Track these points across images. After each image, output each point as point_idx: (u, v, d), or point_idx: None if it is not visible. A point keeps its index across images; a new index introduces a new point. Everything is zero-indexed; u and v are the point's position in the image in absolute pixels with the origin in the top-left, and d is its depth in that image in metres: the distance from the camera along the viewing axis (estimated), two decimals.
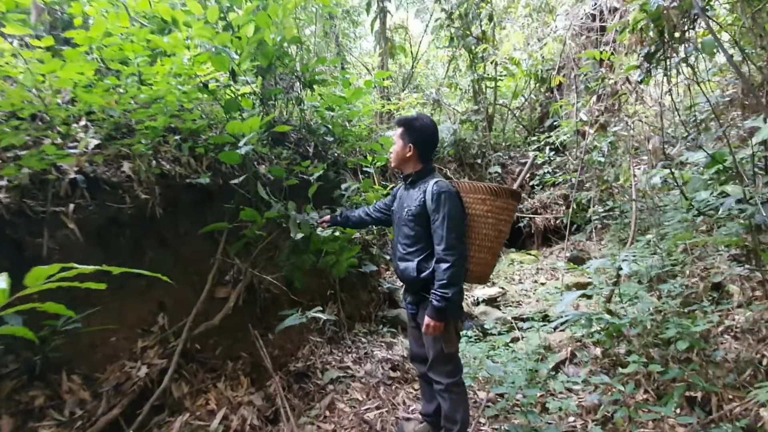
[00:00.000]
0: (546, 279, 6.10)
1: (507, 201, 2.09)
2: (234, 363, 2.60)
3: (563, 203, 7.83)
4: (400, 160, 2.17)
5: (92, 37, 2.08)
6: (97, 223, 2.08)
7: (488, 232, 2.07)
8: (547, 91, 9.04)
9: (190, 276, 2.60)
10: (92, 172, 2.20)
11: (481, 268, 2.10)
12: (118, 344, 2.03)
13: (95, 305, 2.03)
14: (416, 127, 2.12)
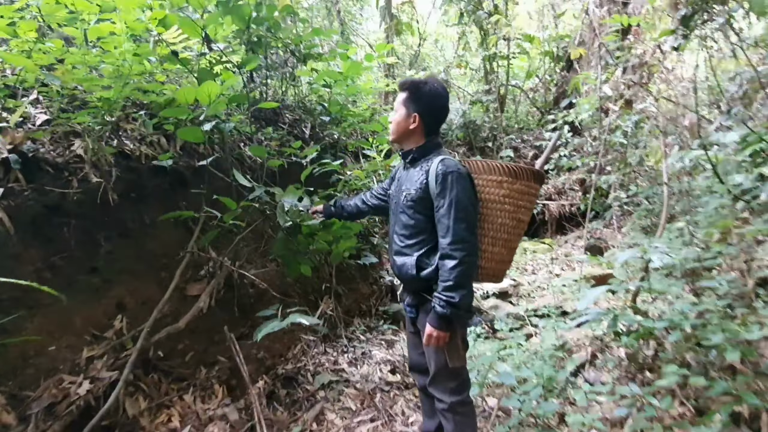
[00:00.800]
0: (561, 269, 5.70)
1: (528, 184, 1.70)
2: (208, 370, 2.29)
3: (579, 188, 7.37)
4: (400, 133, 1.77)
5: None
6: (34, 211, 1.76)
7: (505, 222, 1.68)
8: (563, 69, 8.49)
9: (157, 271, 2.28)
10: (32, 151, 1.87)
11: (494, 264, 1.72)
12: (58, 355, 1.73)
13: (33, 307, 1.72)
14: (424, 92, 1.72)
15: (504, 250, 1.72)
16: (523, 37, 8.17)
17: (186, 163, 2.64)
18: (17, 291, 1.68)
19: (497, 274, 1.77)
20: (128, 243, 2.18)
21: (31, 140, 1.94)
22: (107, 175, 2.03)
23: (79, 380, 1.66)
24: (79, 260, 1.92)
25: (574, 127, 6.53)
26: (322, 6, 8.78)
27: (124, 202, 2.20)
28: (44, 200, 1.80)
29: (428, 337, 1.62)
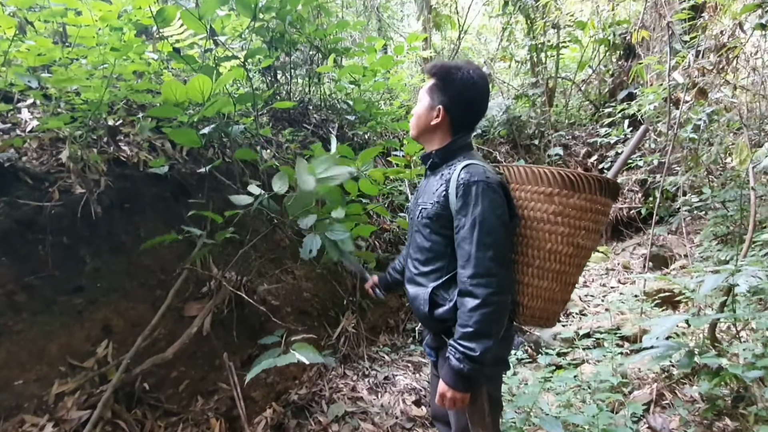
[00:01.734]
0: (618, 282, 5.06)
1: (592, 198, 1.28)
2: (204, 400, 2.05)
3: (640, 190, 6.60)
4: (421, 128, 1.42)
5: None
6: (3, 226, 1.58)
7: (557, 248, 1.29)
8: (620, 58, 7.69)
9: (151, 290, 2.07)
10: (9, 160, 1.70)
11: (542, 304, 1.32)
12: (25, 390, 1.54)
13: (1, 334, 1.54)
14: (455, 79, 1.36)
15: (556, 285, 1.31)
16: (574, 24, 7.47)
17: (190, 170, 2.43)
18: None
19: (547, 315, 1.35)
20: (119, 259, 1.99)
21: (14, 148, 1.78)
22: (91, 184, 1.83)
23: (42, 422, 1.46)
24: (59, 280, 1.73)
25: (634, 122, 5.82)
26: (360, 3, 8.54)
27: (117, 214, 2.01)
28: (16, 214, 1.62)
29: (440, 396, 1.25)
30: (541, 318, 1.36)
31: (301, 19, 3.65)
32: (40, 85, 1.71)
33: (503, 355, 1.40)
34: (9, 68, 1.74)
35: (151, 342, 1.92)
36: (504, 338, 1.32)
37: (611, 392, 2.59)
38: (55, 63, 1.82)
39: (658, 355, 2.37)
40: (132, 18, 1.73)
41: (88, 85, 1.83)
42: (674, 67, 3.72)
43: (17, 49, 1.81)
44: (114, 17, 1.64)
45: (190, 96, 1.69)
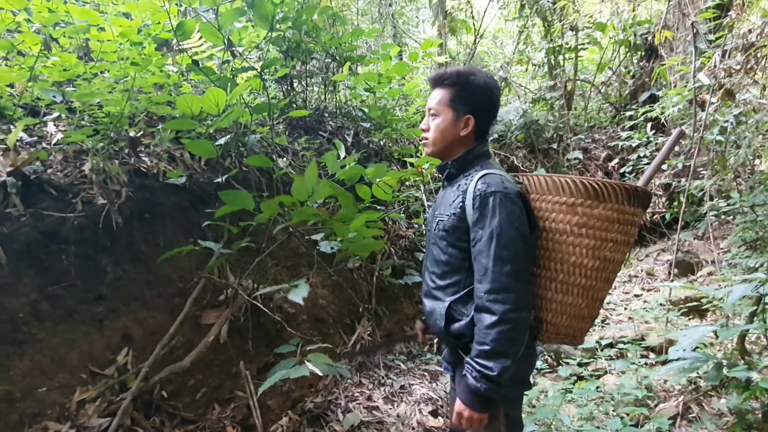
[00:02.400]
0: (642, 289, 4.91)
1: (620, 208, 1.21)
2: (221, 408, 2.07)
3: (664, 194, 6.41)
4: (448, 143, 1.33)
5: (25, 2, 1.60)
6: (28, 237, 1.63)
7: (582, 261, 1.22)
8: (642, 59, 7.51)
9: (169, 298, 2.10)
10: (35, 172, 1.76)
11: (568, 320, 1.25)
12: (48, 397, 1.57)
13: (23, 343, 1.58)
14: (478, 85, 1.30)
15: (582, 301, 1.23)
16: (593, 25, 7.34)
17: (208, 179, 2.47)
18: (6, 325, 1.55)
19: (573, 333, 1.27)
20: (139, 268, 2.02)
21: (39, 161, 1.84)
22: (113, 195, 1.88)
23: (65, 429, 1.49)
24: (81, 289, 1.78)
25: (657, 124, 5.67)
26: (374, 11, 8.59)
27: (137, 224, 2.05)
28: (41, 226, 1.67)
29: (458, 415, 1.22)
30: (567, 336, 1.29)
31: (316, 29, 3.68)
32: (64, 99, 1.76)
33: (524, 374, 1.32)
34: (35, 83, 1.80)
35: (169, 350, 1.94)
36: (525, 356, 1.25)
37: (635, 405, 2.49)
38: (79, 77, 1.87)
39: (684, 367, 2.27)
40: (151, 33, 1.77)
41: (110, 98, 1.89)
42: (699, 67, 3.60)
43: (43, 65, 1.88)
44: (134, 32, 1.68)
45: (205, 108, 1.71)
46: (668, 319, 3.56)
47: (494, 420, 1.22)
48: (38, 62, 1.72)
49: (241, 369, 2.06)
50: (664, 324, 3.56)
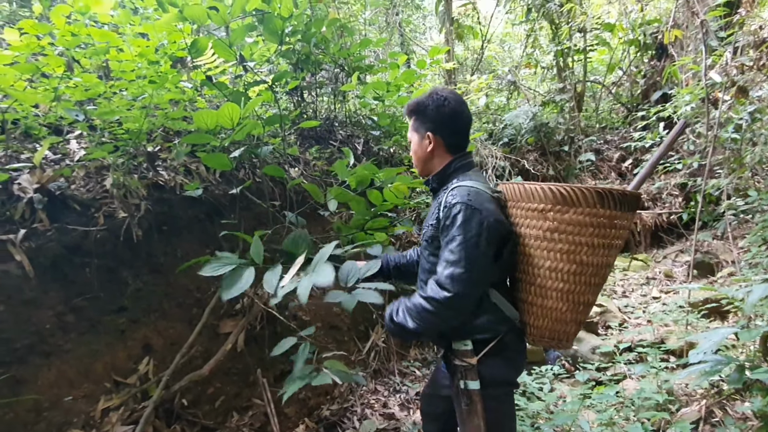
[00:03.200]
0: (660, 292, 4.82)
1: (593, 211, 1.22)
2: (240, 416, 2.10)
3: (680, 194, 6.30)
4: (423, 162, 1.47)
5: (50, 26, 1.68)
6: (53, 252, 1.69)
7: (557, 266, 1.25)
8: (652, 58, 7.43)
9: (187, 309, 2.15)
10: (60, 189, 1.83)
11: (550, 324, 1.28)
12: (74, 406, 1.62)
13: (50, 354, 1.64)
14: (429, 105, 1.43)
15: (563, 305, 1.26)
16: (601, 26, 7.31)
17: (223, 191, 2.52)
18: (33, 337, 1.61)
19: (558, 336, 1.30)
20: (158, 280, 2.08)
21: (63, 177, 1.91)
22: (132, 209, 1.94)
23: None
24: (103, 301, 1.83)
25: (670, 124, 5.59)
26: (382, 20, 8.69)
27: (156, 236, 2.11)
28: (65, 240, 1.74)
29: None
30: (552, 339, 1.32)
31: (325, 40, 3.75)
32: (86, 117, 1.84)
33: (507, 375, 1.37)
34: (59, 103, 1.88)
35: (188, 359, 1.98)
36: (509, 358, 1.34)
37: (656, 410, 2.45)
38: (100, 96, 1.95)
39: (706, 370, 2.23)
40: (167, 52, 1.84)
41: (129, 115, 1.95)
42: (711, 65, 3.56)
43: (66, 86, 1.96)
44: (151, 52, 1.75)
45: (221, 123, 1.76)
46: (688, 322, 3.48)
47: (473, 415, 1.29)
48: (61, 83, 1.80)
49: (259, 377, 2.09)
50: (683, 327, 3.49)
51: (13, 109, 1.91)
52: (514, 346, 1.34)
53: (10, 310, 1.54)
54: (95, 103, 1.97)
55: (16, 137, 1.98)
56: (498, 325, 1.32)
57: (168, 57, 1.91)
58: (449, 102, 1.42)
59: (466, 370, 1.31)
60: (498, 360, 1.31)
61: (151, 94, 1.82)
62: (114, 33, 1.82)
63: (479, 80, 6.49)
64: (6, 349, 1.51)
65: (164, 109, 2.08)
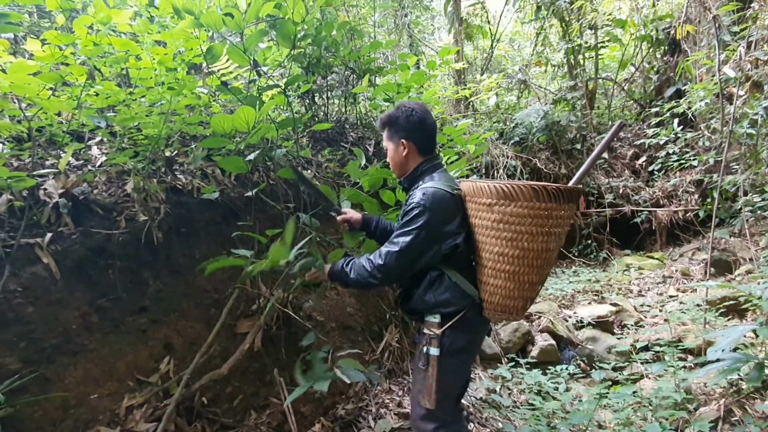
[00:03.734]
0: (677, 290, 4.75)
1: (530, 204, 1.43)
2: (258, 415, 2.13)
3: (695, 191, 6.21)
4: (400, 166, 1.72)
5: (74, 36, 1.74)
6: (79, 254, 1.75)
7: (504, 251, 1.48)
8: (665, 54, 7.34)
9: (206, 309, 2.19)
10: (83, 193, 1.89)
11: (500, 300, 1.54)
12: (99, 404, 1.67)
13: (77, 353, 1.69)
14: (399, 116, 1.68)
15: (510, 284, 1.50)
16: (613, 23, 7.23)
17: (238, 194, 2.57)
18: (60, 337, 1.66)
19: (509, 310, 1.56)
20: (177, 280, 2.13)
21: (86, 182, 1.97)
22: (153, 212, 1.99)
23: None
24: (126, 301, 1.88)
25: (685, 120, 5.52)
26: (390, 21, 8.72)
27: (175, 238, 2.16)
28: (89, 243, 1.79)
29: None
30: (504, 312, 1.55)
31: (335, 43, 3.79)
32: (107, 124, 1.90)
33: (465, 345, 1.60)
34: (81, 111, 1.94)
35: (207, 359, 2.02)
36: (470, 332, 1.60)
37: (675, 409, 2.43)
38: (120, 104, 2.01)
39: (725, 368, 2.20)
40: (185, 59, 1.89)
41: (148, 121, 2.01)
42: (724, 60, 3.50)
43: (87, 94, 2.02)
44: (170, 59, 1.80)
45: (236, 127, 1.81)
46: (706, 320, 3.44)
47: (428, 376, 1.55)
48: (83, 91, 1.86)
49: (275, 376, 2.12)
50: (701, 325, 3.45)
51: (37, 117, 1.98)
52: (474, 320, 1.59)
53: (38, 311, 1.59)
54: (115, 110, 2.03)
55: (41, 144, 2.05)
56: (460, 301, 1.56)
57: (185, 64, 1.95)
58: (416, 111, 1.65)
59: (431, 338, 1.56)
60: (459, 331, 1.56)
61: (169, 100, 1.87)
62: (133, 42, 1.88)
63: (489, 79, 6.47)
64: (35, 349, 1.56)
65: (181, 115, 2.13)
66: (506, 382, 3.17)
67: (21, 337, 1.54)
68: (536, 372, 3.21)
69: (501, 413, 2.79)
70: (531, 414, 2.73)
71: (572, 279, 5.40)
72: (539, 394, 3.00)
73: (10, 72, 1.51)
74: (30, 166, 1.83)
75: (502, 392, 3.04)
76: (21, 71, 1.54)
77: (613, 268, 5.72)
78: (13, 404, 1.42)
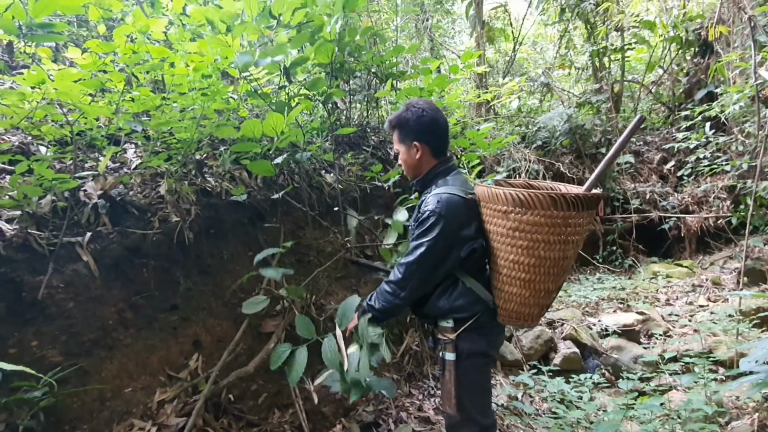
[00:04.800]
0: (708, 300, 4.59)
1: (547, 213, 1.38)
2: (281, 413, 2.17)
3: (727, 197, 5.99)
4: (413, 168, 1.68)
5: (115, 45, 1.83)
6: (116, 253, 1.83)
7: (519, 259, 1.45)
8: (695, 56, 7.12)
9: (233, 308, 2.25)
10: (120, 195, 1.97)
11: (515, 306, 1.52)
12: (133, 397, 1.74)
13: (113, 348, 1.77)
14: (409, 117, 1.63)
15: (526, 292, 1.48)
16: (640, 24, 7.07)
17: (264, 196, 2.63)
18: (99, 332, 1.74)
19: (523, 317, 1.54)
20: (206, 280, 2.19)
21: (123, 184, 2.06)
22: (184, 213, 2.06)
23: (148, 427, 1.64)
24: (158, 299, 1.96)
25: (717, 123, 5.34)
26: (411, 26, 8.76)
27: (204, 239, 2.23)
28: (126, 242, 1.87)
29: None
30: (519, 319, 1.53)
31: (358, 48, 3.84)
32: (143, 128, 1.98)
33: (479, 347, 1.56)
34: (118, 116, 2.03)
35: (234, 356, 2.08)
36: (485, 335, 1.56)
37: (705, 422, 2.35)
38: (155, 109, 2.09)
39: (759, 381, 2.12)
40: (220, 67, 1.96)
41: (181, 125, 2.09)
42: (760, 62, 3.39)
43: (123, 99, 2.11)
44: (204, 66, 1.87)
45: (266, 132, 1.86)
46: (738, 331, 3.31)
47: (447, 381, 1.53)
48: (121, 97, 1.95)
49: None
50: (734, 336, 3.32)
51: (78, 122, 2.08)
52: (488, 324, 1.56)
53: (79, 307, 1.67)
54: (150, 115, 2.11)
55: (81, 148, 2.15)
56: (474, 306, 1.54)
57: (219, 71, 2.02)
58: (426, 112, 1.61)
59: (446, 343, 1.54)
60: (474, 335, 1.53)
61: (202, 105, 1.94)
62: (168, 49, 1.96)
63: (511, 83, 6.42)
64: (76, 342, 1.64)
65: (211, 119, 2.21)
66: (528, 389, 3.13)
67: (62, 331, 1.62)
68: (559, 380, 3.15)
69: (523, 421, 2.75)
70: (554, 423, 2.68)
71: (596, 286, 5.28)
72: (562, 403, 2.95)
73: (57, 79, 1.60)
74: (72, 168, 1.93)
75: (524, 399, 3.00)
76: (66, 79, 1.63)
77: (639, 275, 5.57)
78: (55, 395, 1.49)
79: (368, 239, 3.34)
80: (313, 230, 2.82)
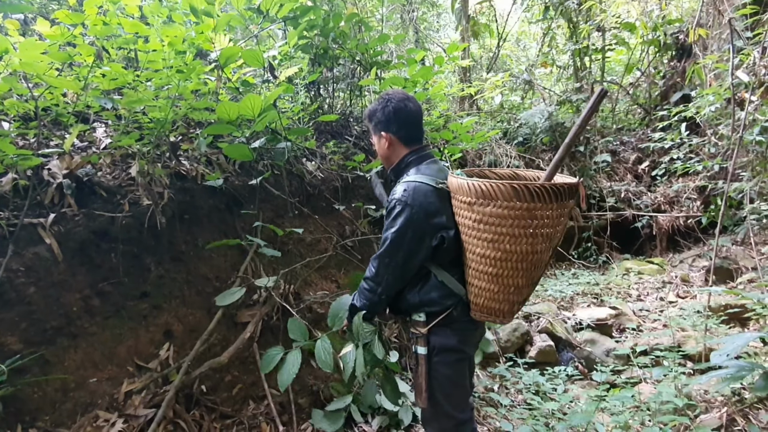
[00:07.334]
0: (677, 296, 4.75)
1: (510, 204, 1.30)
2: (256, 405, 2.12)
3: (698, 197, 6.19)
4: (386, 158, 1.66)
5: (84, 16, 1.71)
6: (82, 236, 1.73)
7: (486, 253, 1.37)
8: (672, 59, 7.31)
9: (207, 297, 2.17)
10: (87, 175, 1.86)
11: (485, 302, 1.44)
12: (98, 388, 1.66)
13: (77, 336, 1.67)
14: (377, 109, 1.61)
15: (494, 287, 1.40)
16: (621, 26, 7.19)
17: (242, 182, 2.55)
18: (62, 319, 1.64)
19: (494, 312, 1.47)
20: (179, 267, 2.11)
21: (90, 164, 1.95)
22: (156, 197, 1.97)
23: (113, 418, 1.56)
24: (127, 286, 1.87)
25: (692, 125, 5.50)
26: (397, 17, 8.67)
27: (177, 225, 2.14)
28: (93, 225, 1.77)
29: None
30: (490, 314, 1.47)
31: (343, 35, 3.76)
32: (113, 106, 1.87)
33: (450, 342, 1.51)
34: (87, 92, 1.91)
35: (208, 347, 2.01)
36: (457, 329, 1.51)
37: (675, 415, 2.41)
38: (127, 86, 1.98)
39: (728, 376, 2.19)
40: (194, 42, 1.86)
41: (155, 105, 1.98)
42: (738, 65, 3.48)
43: (93, 75, 1.99)
44: (179, 42, 1.77)
45: (243, 113, 1.78)
46: (707, 327, 3.42)
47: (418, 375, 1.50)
48: (90, 72, 1.83)
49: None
50: (702, 331, 3.43)
51: (44, 97, 1.95)
52: (461, 319, 1.51)
53: (40, 292, 1.57)
54: (121, 93, 2.00)
55: (46, 124, 2.02)
56: (446, 300, 1.49)
57: (194, 47, 1.93)
58: (392, 101, 1.57)
59: (418, 337, 1.51)
60: (447, 330, 1.49)
61: (176, 84, 1.84)
62: (142, 24, 1.85)
63: (495, 78, 6.44)
64: (37, 330, 1.55)
65: (187, 100, 2.11)
66: (504, 381, 3.16)
67: (22, 317, 1.52)
68: (534, 372, 3.20)
69: (498, 412, 2.78)
70: (529, 414, 2.72)
71: (571, 281, 5.39)
72: (537, 395, 2.99)
73: (21, 50, 1.49)
74: (35, 145, 1.81)
75: (500, 391, 3.03)
76: (31, 49, 1.51)
77: (612, 271, 5.71)
78: (15, 384, 1.40)
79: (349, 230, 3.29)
80: (293, 218, 2.75)
